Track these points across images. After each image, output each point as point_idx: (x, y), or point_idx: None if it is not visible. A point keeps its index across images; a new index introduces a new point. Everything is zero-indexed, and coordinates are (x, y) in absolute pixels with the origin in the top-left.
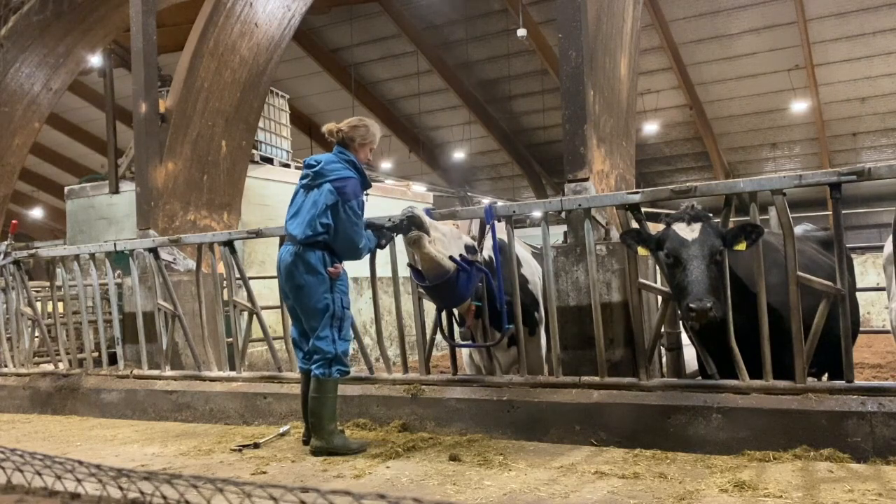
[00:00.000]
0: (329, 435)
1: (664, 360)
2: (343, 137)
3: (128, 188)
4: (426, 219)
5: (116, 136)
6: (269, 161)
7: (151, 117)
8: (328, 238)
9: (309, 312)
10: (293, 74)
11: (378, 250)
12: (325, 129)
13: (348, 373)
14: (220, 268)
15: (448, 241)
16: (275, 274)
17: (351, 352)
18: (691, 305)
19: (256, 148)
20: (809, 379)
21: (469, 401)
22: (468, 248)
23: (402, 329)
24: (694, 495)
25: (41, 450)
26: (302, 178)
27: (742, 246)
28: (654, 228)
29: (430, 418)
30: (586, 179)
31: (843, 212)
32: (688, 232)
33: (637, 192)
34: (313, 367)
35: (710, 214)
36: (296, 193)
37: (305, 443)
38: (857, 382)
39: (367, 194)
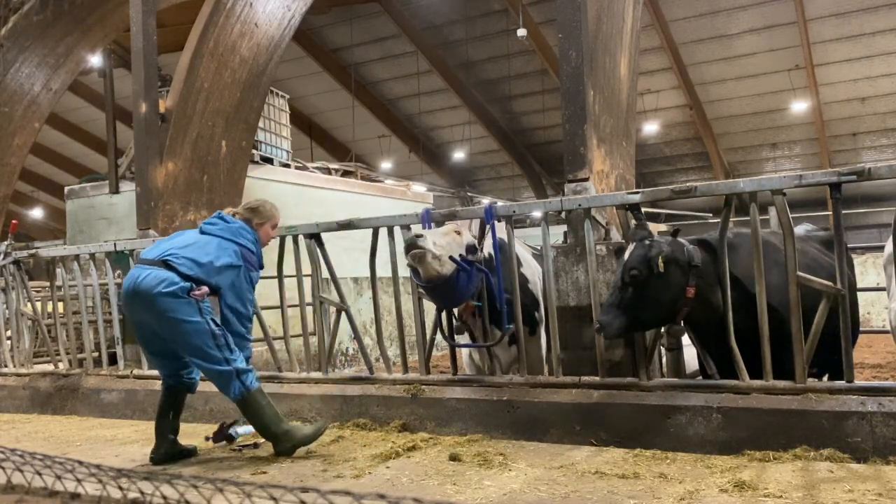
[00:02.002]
0: (284, 435)
1: (664, 360)
2: (243, 218)
3: (128, 188)
4: (427, 244)
5: (116, 136)
6: (269, 161)
7: (151, 117)
8: (208, 283)
9: (180, 338)
10: (293, 74)
11: (375, 252)
12: (225, 213)
13: (254, 375)
14: None
15: (449, 246)
16: (275, 274)
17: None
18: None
19: (256, 148)
20: (809, 379)
21: (469, 401)
22: (468, 248)
23: (402, 329)
24: (694, 495)
25: (41, 450)
26: (207, 223)
27: (661, 266)
28: (655, 228)
29: (430, 418)
30: (586, 179)
31: (843, 212)
32: (626, 254)
33: (637, 192)
34: (227, 392)
35: (646, 234)
36: (188, 232)
37: (154, 461)
38: (857, 382)
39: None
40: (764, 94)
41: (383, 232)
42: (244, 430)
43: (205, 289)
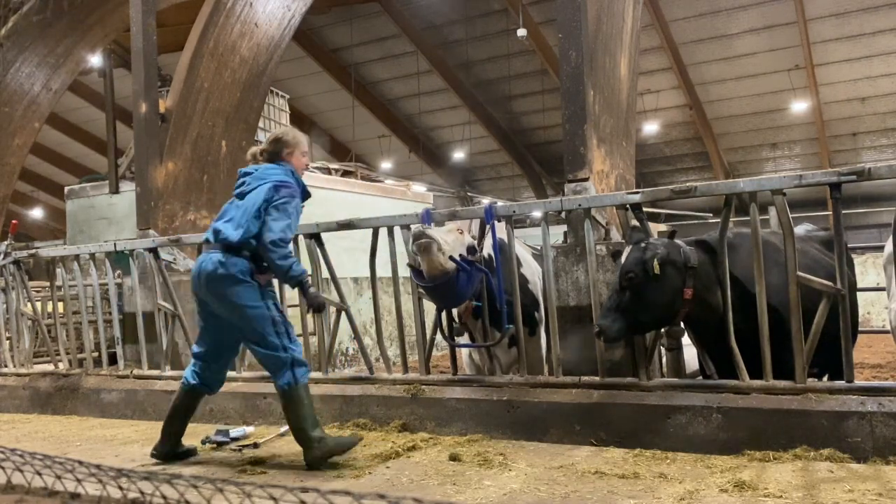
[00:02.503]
0: (318, 441)
1: (664, 360)
2: (269, 155)
3: (128, 188)
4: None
5: (116, 136)
6: None
7: (151, 117)
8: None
9: (243, 324)
10: (293, 74)
11: (375, 252)
12: (248, 155)
13: (308, 370)
14: None
15: (453, 244)
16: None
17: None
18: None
19: None
20: (809, 379)
21: (469, 401)
22: (469, 249)
23: (402, 329)
24: (694, 495)
25: (41, 450)
26: (236, 187)
27: (656, 269)
28: (654, 228)
29: (430, 418)
30: (586, 179)
31: (844, 212)
32: (623, 256)
33: (637, 192)
34: (275, 380)
35: (643, 237)
36: (228, 205)
37: (155, 456)
38: (857, 382)
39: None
40: (764, 94)
41: (383, 232)
42: (237, 432)
43: (269, 273)
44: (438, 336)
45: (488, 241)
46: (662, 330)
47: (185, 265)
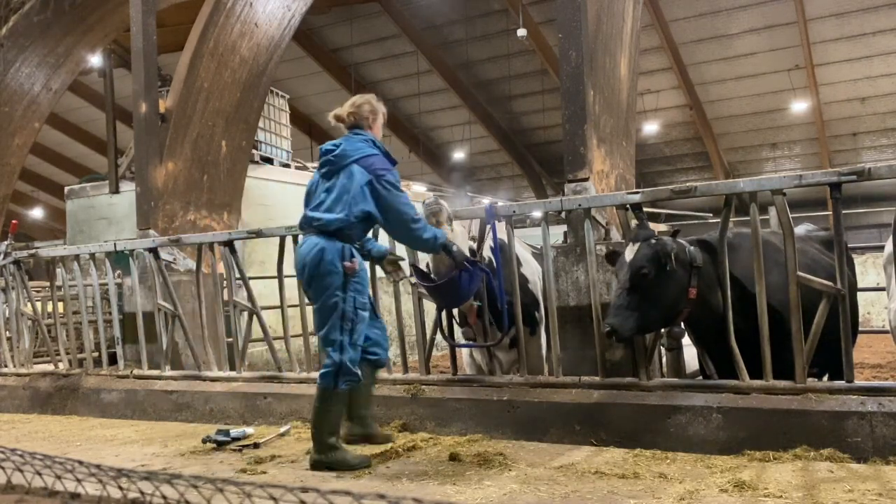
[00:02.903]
0: (329, 450)
1: (664, 360)
2: (354, 120)
3: (128, 188)
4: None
5: (116, 136)
6: (269, 161)
7: (151, 117)
8: (364, 227)
9: (319, 311)
10: (293, 74)
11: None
12: (332, 116)
13: (358, 381)
14: (220, 268)
15: (462, 234)
16: (275, 274)
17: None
18: (603, 329)
19: (256, 148)
20: (809, 379)
21: (469, 401)
22: (469, 250)
23: (402, 329)
24: (694, 495)
25: (41, 450)
26: (320, 165)
27: (669, 266)
28: (654, 228)
29: (430, 418)
30: (586, 179)
31: (844, 212)
32: (627, 255)
33: (637, 192)
34: (319, 374)
35: (652, 234)
36: (313, 184)
37: (349, 441)
38: (857, 382)
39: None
40: (764, 94)
41: (383, 231)
42: (237, 432)
43: (356, 260)
44: (438, 336)
45: (489, 241)
46: (663, 330)
47: (185, 265)
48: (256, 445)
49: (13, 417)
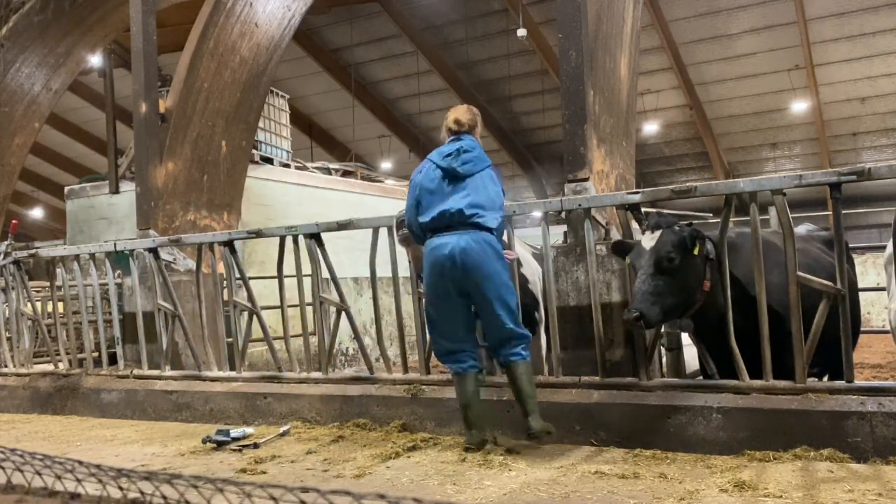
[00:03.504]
0: (536, 406)
1: (664, 360)
2: (470, 127)
3: (128, 188)
4: None
5: (116, 136)
6: (269, 161)
7: (151, 117)
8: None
9: (494, 299)
10: (293, 74)
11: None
12: (452, 120)
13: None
14: (221, 268)
15: None
16: (275, 274)
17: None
18: (623, 316)
19: (256, 148)
20: (809, 379)
21: None
22: None
23: (402, 329)
24: (694, 495)
25: (41, 450)
26: (451, 161)
27: (696, 250)
28: None
29: (430, 418)
30: (586, 179)
31: (844, 212)
32: (646, 242)
33: (637, 192)
34: (515, 351)
35: (675, 221)
36: (433, 180)
37: (468, 449)
38: (857, 382)
39: None
40: (764, 94)
41: (383, 232)
42: (237, 432)
43: (514, 253)
44: None
45: None
46: (663, 329)
47: (185, 265)
48: (256, 445)
49: (13, 417)
